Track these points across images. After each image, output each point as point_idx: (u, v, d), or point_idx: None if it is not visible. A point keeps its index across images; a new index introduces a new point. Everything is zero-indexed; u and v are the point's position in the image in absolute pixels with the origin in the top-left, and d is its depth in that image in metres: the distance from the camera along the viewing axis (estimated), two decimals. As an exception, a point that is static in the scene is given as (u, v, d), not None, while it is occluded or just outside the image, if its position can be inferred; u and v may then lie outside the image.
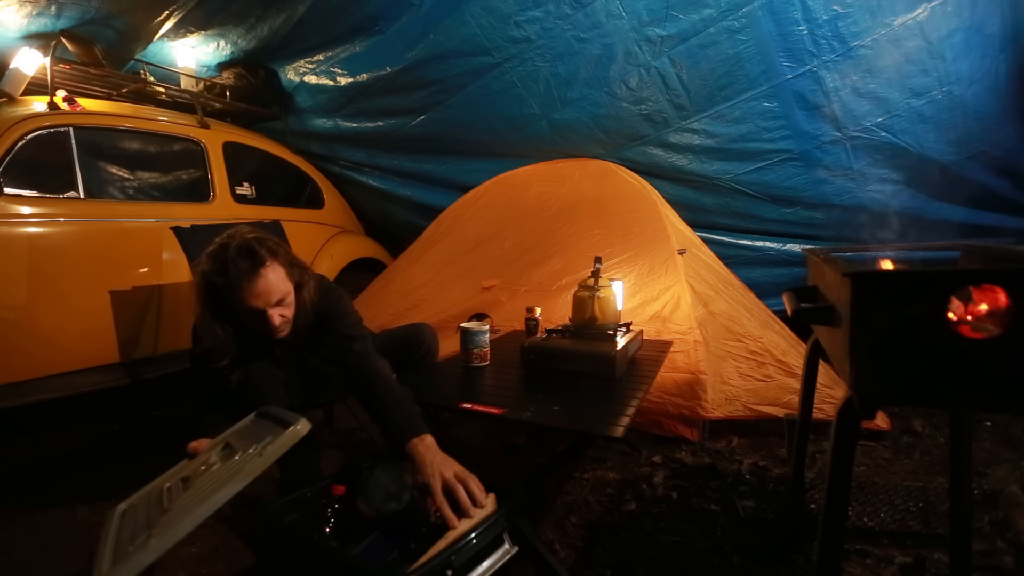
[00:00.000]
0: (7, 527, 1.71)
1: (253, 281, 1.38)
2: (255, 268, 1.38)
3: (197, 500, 1.01)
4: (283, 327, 1.47)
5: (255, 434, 1.20)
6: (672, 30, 2.58)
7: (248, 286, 1.38)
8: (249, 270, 1.37)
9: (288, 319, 1.48)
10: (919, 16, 2.38)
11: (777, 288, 2.98)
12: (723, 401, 2.13)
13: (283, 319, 1.46)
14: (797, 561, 1.41)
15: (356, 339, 1.50)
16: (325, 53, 3.25)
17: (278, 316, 1.44)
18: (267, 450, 1.06)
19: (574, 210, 2.94)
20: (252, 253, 1.38)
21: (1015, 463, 1.83)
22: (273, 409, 1.28)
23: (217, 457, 1.19)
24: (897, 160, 2.83)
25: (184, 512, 0.99)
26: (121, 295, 2.36)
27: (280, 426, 1.16)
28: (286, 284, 1.46)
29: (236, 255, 1.37)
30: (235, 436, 1.26)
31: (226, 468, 1.10)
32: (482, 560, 1.13)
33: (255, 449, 1.10)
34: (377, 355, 1.48)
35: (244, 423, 1.32)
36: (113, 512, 1.19)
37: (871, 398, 0.82)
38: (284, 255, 1.47)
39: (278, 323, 1.44)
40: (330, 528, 1.22)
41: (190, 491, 1.10)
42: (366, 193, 4.06)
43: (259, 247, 1.40)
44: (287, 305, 1.47)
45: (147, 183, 2.79)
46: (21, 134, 2.18)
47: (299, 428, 1.10)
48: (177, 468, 1.28)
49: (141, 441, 2.43)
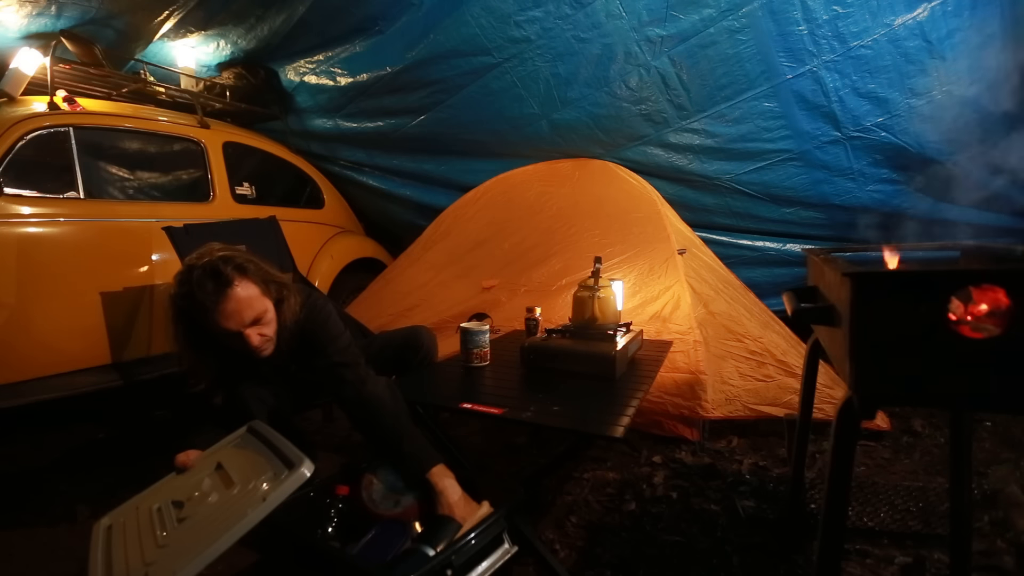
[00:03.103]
0: (7, 527, 1.71)
1: (222, 303, 1.31)
2: (221, 289, 1.31)
3: (198, 542, 0.98)
4: (264, 346, 1.41)
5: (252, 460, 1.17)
6: (672, 30, 2.58)
7: (218, 308, 1.31)
8: (215, 291, 1.31)
9: (269, 337, 1.42)
10: (919, 16, 2.38)
11: (777, 288, 2.98)
12: (723, 401, 2.13)
13: (263, 338, 1.39)
14: (797, 561, 1.41)
15: (348, 366, 1.43)
16: (325, 53, 3.25)
17: (256, 336, 1.38)
18: (271, 496, 1.03)
19: (574, 210, 2.94)
20: (217, 273, 1.32)
21: (1015, 463, 1.83)
22: (264, 429, 1.27)
23: (211, 483, 1.16)
24: (897, 160, 2.83)
25: (184, 553, 0.97)
26: (120, 295, 2.36)
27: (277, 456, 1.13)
28: (261, 302, 1.38)
29: (201, 277, 1.31)
30: (228, 455, 1.24)
31: (226, 507, 1.07)
32: (482, 560, 1.13)
33: (254, 487, 1.07)
34: (373, 378, 1.43)
35: (235, 438, 1.30)
36: (97, 527, 1.15)
37: (871, 398, 0.82)
38: (256, 271, 1.39)
39: (257, 343, 1.38)
40: (332, 528, 1.22)
41: (186, 525, 1.07)
42: (366, 193, 4.06)
43: (224, 266, 1.33)
44: (266, 323, 1.40)
45: (147, 183, 2.78)
46: (21, 134, 2.18)
47: (304, 471, 1.06)
48: (165, 483, 1.25)
49: (140, 441, 2.43)
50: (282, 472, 1.07)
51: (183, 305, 1.34)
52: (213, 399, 1.42)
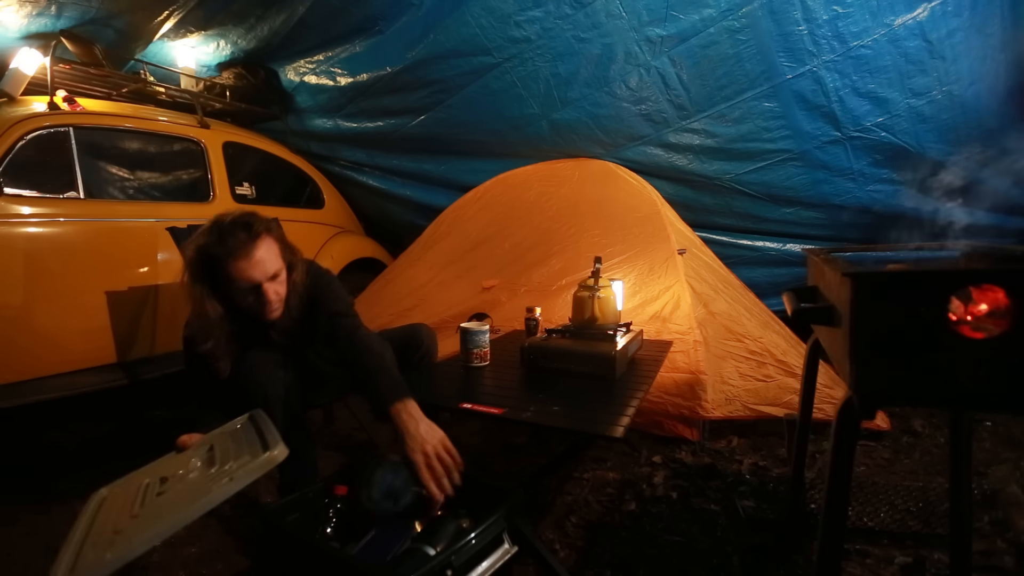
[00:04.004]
0: (7, 527, 1.71)
1: (250, 252, 1.39)
2: (252, 239, 1.40)
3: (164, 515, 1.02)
4: (277, 305, 1.48)
5: (239, 444, 1.19)
6: (672, 30, 2.58)
7: (245, 256, 1.39)
8: (246, 241, 1.39)
9: (281, 297, 1.49)
10: (919, 16, 2.38)
11: (777, 288, 2.98)
12: (723, 401, 2.13)
13: (277, 296, 1.47)
14: (797, 561, 1.41)
15: (346, 316, 1.53)
16: (325, 53, 3.25)
17: (272, 291, 1.45)
18: (238, 475, 1.05)
19: (574, 210, 2.94)
20: (248, 225, 1.41)
21: (1015, 463, 1.83)
22: (262, 418, 1.28)
23: (198, 462, 1.19)
24: (897, 160, 2.83)
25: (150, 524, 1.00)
26: (120, 295, 2.36)
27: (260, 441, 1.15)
28: (279, 260, 1.48)
29: (232, 227, 1.39)
30: (221, 439, 1.26)
31: (197, 483, 1.10)
32: (482, 560, 1.13)
33: (229, 467, 1.09)
34: (368, 330, 1.53)
35: (234, 424, 1.32)
36: (93, 497, 1.19)
37: (871, 398, 0.82)
38: (277, 232, 1.50)
39: (272, 298, 1.45)
40: (331, 528, 1.22)
41: (162, 499, 1.10)
42: (366, 193, 4.06)
43: (254, 220, 1.43)
44: (280, 282, 1.48)
45: (147, 183, 2.78)
46: (21, 134, 2.18)
47: (275, 454, 1.08)
48: (162, 461, 1.28)
49: (141, 441, 2.43)
50: (258, 455, 1.09)
51: (208, 254, 1.39)
52: (218, 362, 1.43)
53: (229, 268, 1.39)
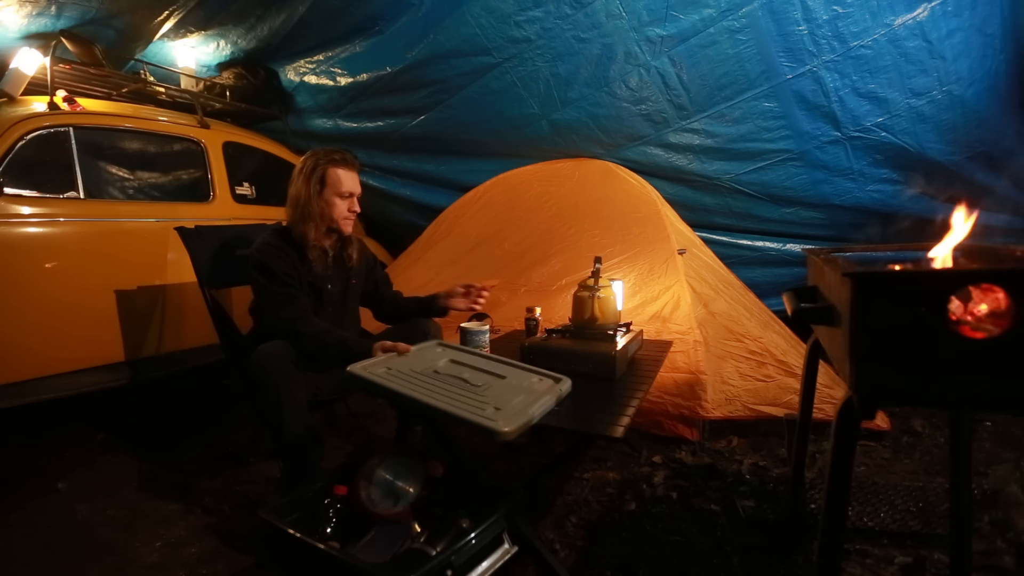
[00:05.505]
0: (7, 527, 1.71)
1: (355, 166, 1.82)
2: (355, 161, 1.84)
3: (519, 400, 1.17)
4: (351, 221, 1.85)
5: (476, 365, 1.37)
6: (672, 30, 2.58)
7: (353, 167, 1.81)
8: (353, 160, 1.82)
9: (354, 219, 1.86)
10: (919, 16, 2.38)
11: (777, 288, 2.98)
12: (723, 401, 2.13)
13: (355, 214, 1.84)
14: (797, 561, 1.41)
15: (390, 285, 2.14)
16: (325, 53, 3.25)
17: (357, 206, 1.84)
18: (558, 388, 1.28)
19: (574, 210, 2.94)
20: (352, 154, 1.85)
21: (1015, 463, 1.83)
22: (451, 344, 1.56)
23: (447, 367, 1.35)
24: (897, 160, 2.83)
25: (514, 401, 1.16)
26: (120, 295, 2.36)
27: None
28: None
29: (339, 151, 1.80)
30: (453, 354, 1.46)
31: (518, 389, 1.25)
32: (482, 560, 1.13)
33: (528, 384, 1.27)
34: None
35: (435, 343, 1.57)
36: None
37: (871, 398, 0.82)
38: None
39: (357, 210, 1.85)
40: (331, 528, 1.22)
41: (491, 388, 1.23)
42: (366, 193, 4.01)
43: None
44: (358, 207, 1.86)
45: (147, 183, 2.78)
46: (21, 134, 2.18)
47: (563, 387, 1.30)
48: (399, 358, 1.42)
49: (141, 441, 2.43)
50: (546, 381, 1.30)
51: (336, 157, 1.76)
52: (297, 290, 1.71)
53: (340, 171, 1.75)
